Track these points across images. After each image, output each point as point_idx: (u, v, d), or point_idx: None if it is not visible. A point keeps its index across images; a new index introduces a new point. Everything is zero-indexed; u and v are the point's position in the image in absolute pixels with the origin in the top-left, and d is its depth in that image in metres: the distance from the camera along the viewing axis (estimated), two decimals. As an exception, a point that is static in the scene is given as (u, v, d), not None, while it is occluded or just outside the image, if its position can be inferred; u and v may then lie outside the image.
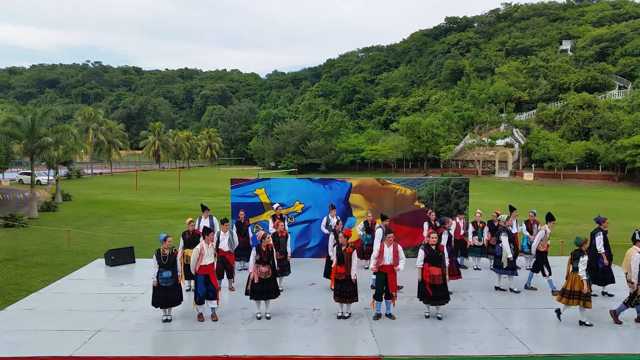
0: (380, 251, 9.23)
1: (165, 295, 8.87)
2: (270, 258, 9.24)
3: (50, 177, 43.61)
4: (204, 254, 9.05)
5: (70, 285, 11.50)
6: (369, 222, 12.74)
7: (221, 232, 10.69)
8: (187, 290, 10.63)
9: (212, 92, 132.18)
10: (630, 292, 9.01)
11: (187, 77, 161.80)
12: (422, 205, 14.17)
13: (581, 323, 8.91)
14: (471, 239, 12.73)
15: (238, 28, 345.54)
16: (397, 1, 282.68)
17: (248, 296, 9.21)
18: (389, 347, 7.94)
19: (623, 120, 56.50)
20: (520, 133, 67.47)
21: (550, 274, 10.90)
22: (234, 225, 12.36)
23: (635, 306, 9.01)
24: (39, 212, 26.76)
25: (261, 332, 8.55)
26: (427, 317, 9.25)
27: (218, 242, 10.57)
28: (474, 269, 13.03)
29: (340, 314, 9.30)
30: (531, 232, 12.71)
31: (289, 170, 68.15)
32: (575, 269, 8.94)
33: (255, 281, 9.00)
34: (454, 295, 10.64)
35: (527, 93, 77.64)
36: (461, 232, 12.70)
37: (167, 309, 9.06)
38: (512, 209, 12.84)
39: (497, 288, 11.14)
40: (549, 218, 11.22)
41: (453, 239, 12.24)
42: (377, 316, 9.27)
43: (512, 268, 10.75)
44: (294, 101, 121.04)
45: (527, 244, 12.72)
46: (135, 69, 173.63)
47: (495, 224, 12.56)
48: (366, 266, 12.80)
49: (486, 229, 12.66)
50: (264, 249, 9.14)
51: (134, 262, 13.58)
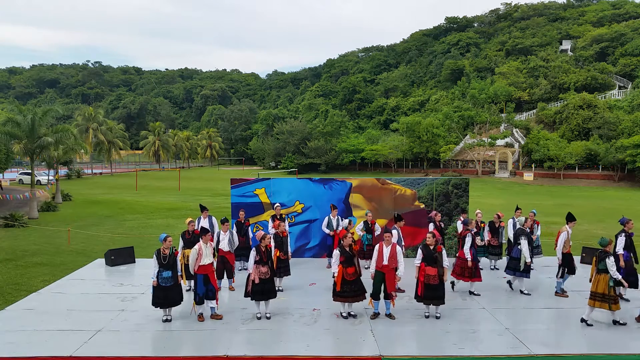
0: (380, 251, 9.22)
1: (165, 295, 8.88)
2: (269, 258, 9.26)
3: (50, 177, 43.58)
4: (203, 254, 9.06)
5: (70, 285, 11.51)
6: (369, 222, 12.75)
7: (221, 232, 10.69)
8: (187, 290, 10.63)
9: (212, 92, 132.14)
10: None
11: (187, 77, 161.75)
12: (422, 205, 14.17)
13: (614, 322, 8.79)
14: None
15: (238, 28, 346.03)
16: (397, 1, 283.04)
17: (248, 297, 9.20)
18: (389, 347, 7.94)
19: (623, 120, 56.50)
20: (520, 133, 67.47)
21: (562, 277, 10.58)
22: (234, 225, 12.37)
23: None
24: (39, 212, 26.75)
25: (261, 332, 8.55)
26: (427, 317, 9.26)
27: (218, 242, 10.58)
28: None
29: (345, 314, 9.29)
30: (532, 232, 12.61)
31: (289, 170, 68.12)
32: (599, 271, 8.78)
33: (255, 282, 9.01)
34: (454, 295, 10.65)
35: (527, 93, 77.63)
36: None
37: (167, 309, 9.07)
38: (517, 208, 12.87)
39: (508, 283, 11.18)
40: (570, 218, 10.74)
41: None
42: (375, 315, 9.27)
43: (527, 271, 10.65)
44: (294, 101, 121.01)
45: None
46: (135, 69, 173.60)
47: (496, 225, 12.56)
48: (366, 266, 12.82)
49: (487, 229, 12.66)
50: (263, 250, 9.15)
51: (134, 262, 13.59)
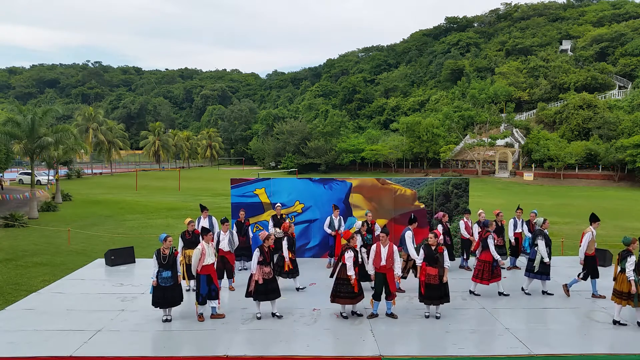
0: (377, 252, 9.19)
1: (165, 295, 8.87)
2: (272, 258, 9.26)
3: (50, 177, 43.59)
4: (206, 254, 9.06)
5: (70, 285, 11.50)
6: (369, 222, 12.73)
7: (221, 232, 10.69)
8: (187, 291, 10.63)
9: (212, 92, 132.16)
10: None
11: (187, 77, 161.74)
12: (422, 205, 14.17)
13: (639, 324, 8.74)
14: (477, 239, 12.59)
15: (238, 28, 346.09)
16: (397, 1, 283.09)
17: (250, 297, 9.18)
18: (389, 347, 7.93)
19: (623, 120, 56.50)
20: (520, 133, 67.47)
21: (585, 279, 10.27)
22: (234, 225, 12.37)
23: None
24: (39, 212, 26.75)
25: (261, 332, 8.54)
26: (427, 317, 9.25)
27: (218, 242, 10.57)
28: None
29: (345, 314, 9.29)
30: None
31: (289, 170, 68.10)
32: (622, 270, 8.75)
33: (259, 282, 9.00)
34: (454, 295, 10.63)
35: (527, 93, 77.63)
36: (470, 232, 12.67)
37: (167, 309, 9.07)
38: (518, 208, 12.87)
39: (522, 289, 10.86)
40: (594, 219, 10.38)
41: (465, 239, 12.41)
42: (373, 316, 9.26)
43: (545, 273, 10.43)
44: (294, 101, 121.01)
45: (530, 244, 12.49)
46: (135, 69, 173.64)
47: (499, 223, 12.57)
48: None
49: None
50: (266, 250, 9.15)
51: (134, 262, 13.58)
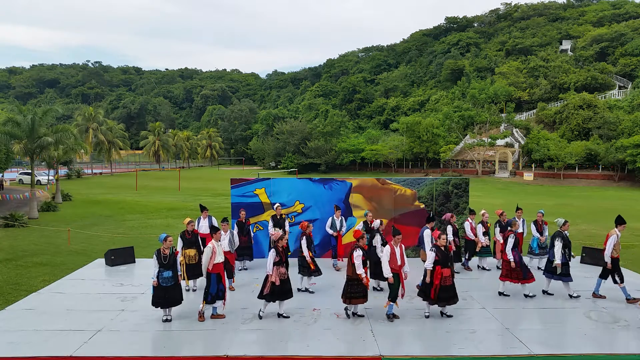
0: (392, 252, 9.12)
1: (165, 295, 8.87)
2: (287, 258, 9.28)
3: (50, 177, 43.59)
4: (216, 252, 9.09)
5: (70, 285, 11.50)
6: (369, 222, 12.74)
7: (221, 232, 10.69)
8: (187, 290, 10.62)
9: (212, 92, 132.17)
10: None
11: (187, 77, 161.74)
12: (422, 205, 14.17)
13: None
14: (483, 240, 12.51)
15: (238, 28, 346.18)
16: (397, 1, 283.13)
17: (262, 299, 9.07)
18: (389, 347, 7.94)
19: (623, 120, 56.49)
20: (520, 133, 67.45)
21: (622, 282, 10.05)
22: (235, 225, 12.37)
23: None
24: (39, 212, 26.74)
25: (261, 332, 8.54)
26: (427, 317, 9.24)
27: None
28: (481, 269, 12.99)
29: (358, 313, 9.30)
30: (541, 233, 12.45)
31: (289, 170, 68.07)
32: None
33: (276, 283, 8.97)
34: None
35: (527, 93, 77.60)
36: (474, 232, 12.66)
37: (167, 309, 9.06)
38: (518, 208, 12.83)
39: (544, 292, 10.69)
40: (620, 221, 10.12)
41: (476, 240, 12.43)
42: (392, 317, 9.13)
43: (566, 274, 10.30)
44: (294, 101, 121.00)
45: (538, 245, 12.47)
46: (135, 69, 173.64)
47: (503, 222, 12.58)
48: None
49: (497, 229, 12.45)
50: (281, 250, 9.14)
51: (134, 262, 13.59)
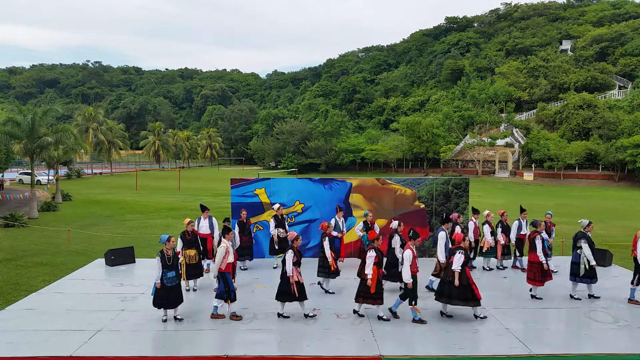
0: (414, 256, 9.08)
1: (170, 296, 8.84)
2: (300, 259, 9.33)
3: (50, 177, 43.59)
4: (229, 252, 9.12)
5: (70, 285, 11.50)
6: (369, 222, 12.74)
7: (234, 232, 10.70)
8: (187, 290, 10.62)
9: (212, 92, 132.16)
10: None
11: (187, 77, 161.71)
12: (422, 205, 14.17)
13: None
14: (490, 240, 12.41)
15: (238, 28, 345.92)
16: (397, 1, 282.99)
17: (299, 300, 9.05)
18: (389, 347, 7.93)
19: (623, 120, 56.52)
20: (520, 133, 67.46)
21: (638, 284, 9.92)
22: (236, 225, 12.37)
23: None
24: (39, 212, 26.75)
25: (261, 332, 8.54)
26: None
27: (219, 242, 10.56)
28: (484, 269, 12.95)
29: (360, 313, 9.29)
30: (550, 235, 12.39)
31: (289, 170, 68.07)
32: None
33: (300, 282, 9.02)
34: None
35: (527, 93, 77.62)
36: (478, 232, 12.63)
37: (172, 310, 9.02)
38: (522, 209, 12.79)
39: (572, 297, 10.38)
40: None
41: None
42: (422, 322, 9.01)
43: (590, 276, 10.13)
44: (294, 101, 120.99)
45: (548, 247, 12.31)
46: (135, 69, 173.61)
47: (505, 223, 12.56)
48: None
49: (499, 229, 12.46)
50: (297, 250, 9.16)
51: (134, 262, 13.57)
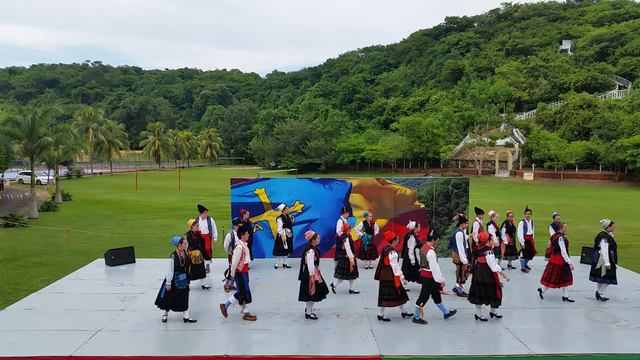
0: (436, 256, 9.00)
1: (180, 299, 8.83)
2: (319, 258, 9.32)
3: (50, 177, 43.59)
4: (246, 252, 9.13)
5: (70, 285, 11.50)
6: (369, 223, 12.75)
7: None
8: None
9: (212, 92, 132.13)
10: None
11: (187, 77, 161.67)
12: (422, 205, 14.17)
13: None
14: (496, 240, 12.27)
15: (238, 28, 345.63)
16: (397, 1, 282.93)
17: (310, 300, 9.03)
18: (389, 347, 7.94)
19: (623, 120, 56.51)
20: (520, 133, 67.46)
21: None
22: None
23: None
24: (39, 212, 26.75)
25: (261, 332, 8.54)
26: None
27: (232, 243, 10.53)
28: None
29: (385, 317, 9.16)
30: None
31: (289, 170, 68.07)
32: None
33: (319, 282, 9.02)
34: (453, 295, 10.64)
35: (527, 93, 77.62)
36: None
37: (168, 311, 9.00)
38: (527, 209, 12.80)
39: (598, 296, 10.30)
40: None
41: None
42: (422, 321, 8.93)
43: (610, 277, 10.06)
44: (294, 101, 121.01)
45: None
46: (135, 68, 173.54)
47: (511, 223, 12.55)
48: (366, 266, 12.82)
49: (504, 230, 12.43)
50: (316, 249, 9.16)
51: (134, 262, 13.57)
